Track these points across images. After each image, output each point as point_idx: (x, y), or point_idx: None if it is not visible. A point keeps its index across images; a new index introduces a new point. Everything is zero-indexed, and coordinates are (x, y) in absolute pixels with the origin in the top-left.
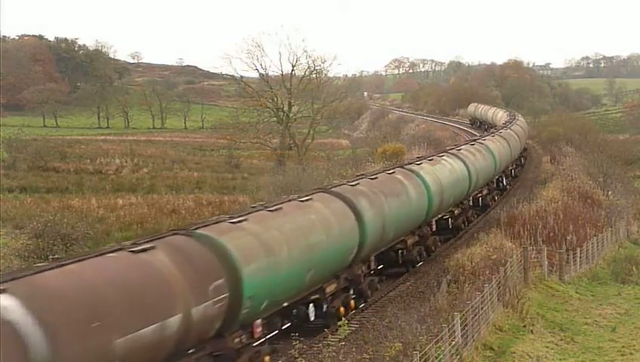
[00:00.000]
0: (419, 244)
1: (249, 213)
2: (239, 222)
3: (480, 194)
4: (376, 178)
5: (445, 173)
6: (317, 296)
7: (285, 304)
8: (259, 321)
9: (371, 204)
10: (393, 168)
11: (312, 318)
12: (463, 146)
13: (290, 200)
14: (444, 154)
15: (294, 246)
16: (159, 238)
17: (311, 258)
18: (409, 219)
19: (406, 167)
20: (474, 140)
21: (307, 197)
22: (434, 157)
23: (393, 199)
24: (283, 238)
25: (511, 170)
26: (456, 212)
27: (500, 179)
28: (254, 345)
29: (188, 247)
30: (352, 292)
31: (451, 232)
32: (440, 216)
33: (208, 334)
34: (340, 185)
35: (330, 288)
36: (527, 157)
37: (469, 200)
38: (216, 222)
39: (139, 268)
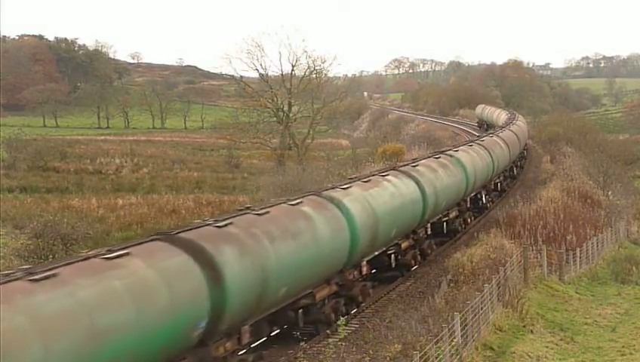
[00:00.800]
0: (337, 296)
1: None
2: None
3: (445, 218)
4: (266, 212)
5: (384, 198)
6: None
7: None
8: None
9: (243, 253)
10: (302, 196)
11: None
12: (421, 161)
13: (87, 258)
14: (388, 173)
15: (60, 339)
16: None
17: (100, 351)
18: (318, 267)
19: (323, 194)
20: (440, 152)
21: (121, 252)
22: (372, 177)
23: (286, 242)
24: (35, 328)
25: (496, 183)
26: (404, 245)
27: (479, 195)
28: None
29: None
30: None
31: (398, 270)
32: (377, 253)
33: None
34: (196, 228)
35: None
36: (523, 166)
37: (426, 229)
38: None
39: None
